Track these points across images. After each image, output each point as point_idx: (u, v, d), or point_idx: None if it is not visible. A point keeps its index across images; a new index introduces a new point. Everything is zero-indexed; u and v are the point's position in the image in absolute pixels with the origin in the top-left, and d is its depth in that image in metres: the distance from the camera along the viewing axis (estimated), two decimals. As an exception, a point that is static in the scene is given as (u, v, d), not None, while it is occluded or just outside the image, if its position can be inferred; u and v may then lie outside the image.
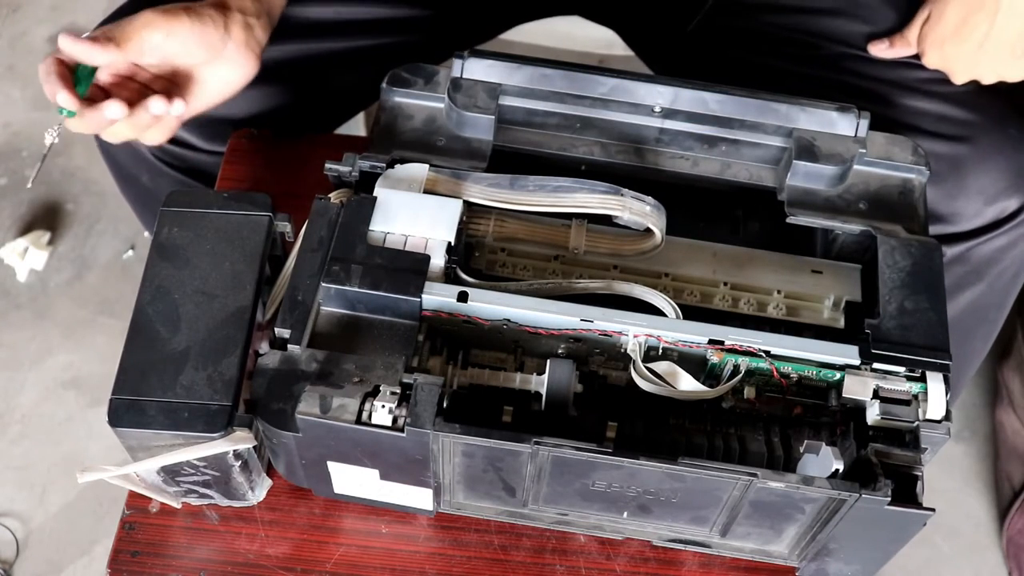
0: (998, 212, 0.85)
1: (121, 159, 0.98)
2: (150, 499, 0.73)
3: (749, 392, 0.67)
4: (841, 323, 0.72)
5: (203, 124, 0.90)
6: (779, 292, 0.73)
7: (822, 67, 0.89)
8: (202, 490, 0.70)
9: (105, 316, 1.43)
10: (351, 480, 0.68)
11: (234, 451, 0.65)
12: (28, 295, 1.46)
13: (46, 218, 1.53)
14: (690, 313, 0.69)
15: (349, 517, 0.74)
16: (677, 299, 0.71)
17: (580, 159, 0.77)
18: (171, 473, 0.68)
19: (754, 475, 0.60)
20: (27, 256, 1.47)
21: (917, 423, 0.64)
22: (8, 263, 1.47)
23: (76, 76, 0.71)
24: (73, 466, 1.25)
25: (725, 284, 0.73)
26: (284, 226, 0.72)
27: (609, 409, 0.67)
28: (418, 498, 0.69)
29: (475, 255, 0.74)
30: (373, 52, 0.95)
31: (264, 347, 0.71)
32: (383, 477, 0.67)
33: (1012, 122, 0.86)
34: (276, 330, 0.65)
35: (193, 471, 0.67)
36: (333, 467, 0.66)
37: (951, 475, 1.35)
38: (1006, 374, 1.35)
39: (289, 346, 0.65)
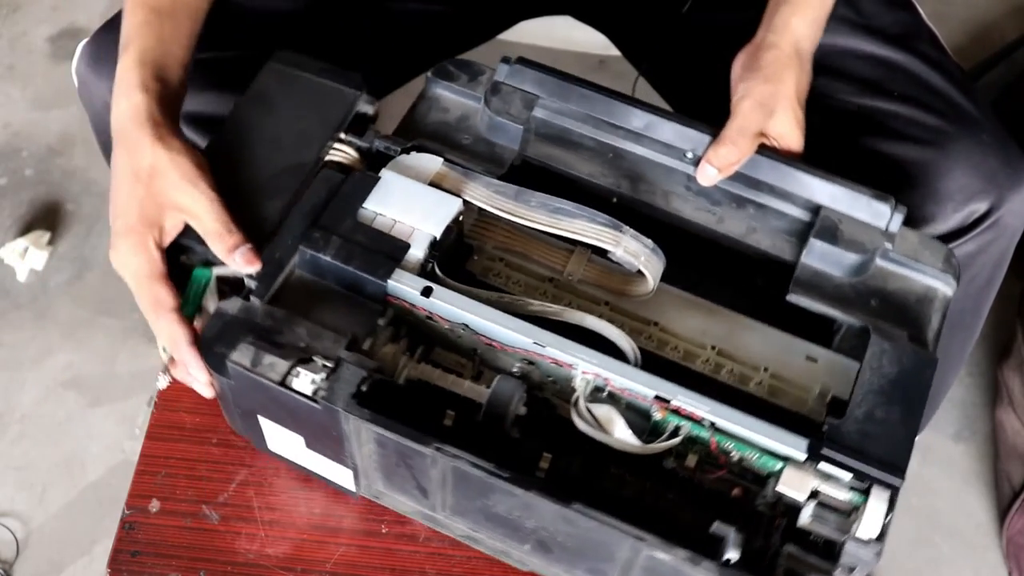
0: (967, 216, 0.81)
1: None
2: (150, 499, 0.75)
3: (691, 460, 0.64)
4: (822, 418, 0.67)
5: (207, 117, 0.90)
6: (766, 370, 0.69)
7: None
8: None
9: (105, 316, 1.41)
10: (282, 440, 0.69)
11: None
12: (28, 295, 1.44)
13: (46, 218, 1.51)
14: (663, 366, 0.67)
15: (349, 517, 0.75)
16: (659, 351, 0.69)
17: (609, 190, 0.75)
18: None
19: (643, 539, 0.57)
20: (27, 256, 1.45)
21: (845, 538, 0.59)
22: (8, 263, 1.45)
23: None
24: (73, 466, 1.29)
25: (712, 348, 0.70)
26: (368, 108, 0.75)
27: (554, 441, 0.66)
28: (341, 476, 0.69)
29: (474, 258, 0.73)
30: (372, 48, 0.95)
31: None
32: (308, 446, 0.67)
33: (984, 128, 0.83)
34: (245, 279, 0.67)
35: None
36: (264, 423, 0.68)
37: (951, 475, 1.30)
38: (1006, 374, 1.32)
39: (252, 297, 0.66)
